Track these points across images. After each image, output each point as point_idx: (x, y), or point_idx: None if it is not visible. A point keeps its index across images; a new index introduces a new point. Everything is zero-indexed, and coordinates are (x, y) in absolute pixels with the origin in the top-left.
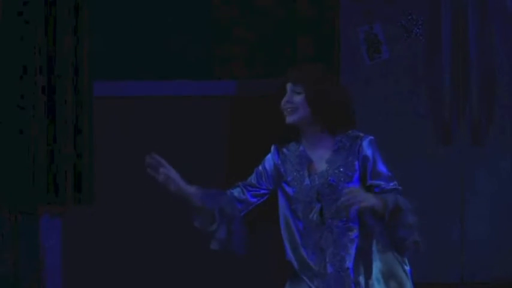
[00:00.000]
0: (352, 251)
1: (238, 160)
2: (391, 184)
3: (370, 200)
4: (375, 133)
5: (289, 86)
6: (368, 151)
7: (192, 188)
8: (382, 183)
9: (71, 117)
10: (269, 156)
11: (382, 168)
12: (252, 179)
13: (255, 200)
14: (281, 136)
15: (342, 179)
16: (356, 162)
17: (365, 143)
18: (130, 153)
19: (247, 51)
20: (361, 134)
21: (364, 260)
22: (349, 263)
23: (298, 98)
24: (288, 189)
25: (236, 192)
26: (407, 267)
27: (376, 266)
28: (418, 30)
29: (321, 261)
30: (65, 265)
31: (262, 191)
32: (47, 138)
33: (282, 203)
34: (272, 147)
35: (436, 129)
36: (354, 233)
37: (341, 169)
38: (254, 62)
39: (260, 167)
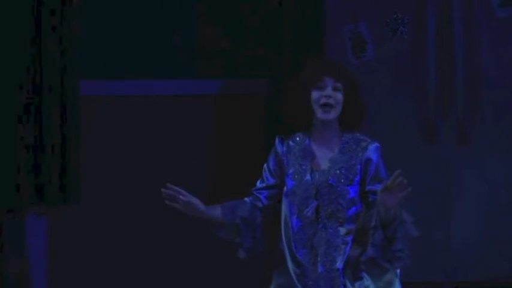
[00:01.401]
0: (345, 252)
1: (223, 158)
2: None
3: (396, 208)
4: (360, 132)
5: (329, 81)
6: (373, 155)
7: (212, 209)
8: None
9: (57, 117)
10: (272, 149)
11: (383, 176)
12: (260, 181)
13: (270, 202)
14: (290, 128)
15: (342, 181)
16: (358, 166)
17: (371, 147)
18: (116, 152)
19: (231, 50)
20: (368, 139)
21: (353, 262)
22: (340, 264)
23: (339, 95)
24: (288, 182)
25: (251, 199)
26: (395, 269)
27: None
28: (403, 29)
29: (311, 259)
30: (50, 264)
31: (275, 191)
32: (33, 138)
33: (284, 196)
34: (276, 139)
35: (421, 128)
36: (349, 236)
37: (342, 170)
38: (238, 61)
39: (265, 165)
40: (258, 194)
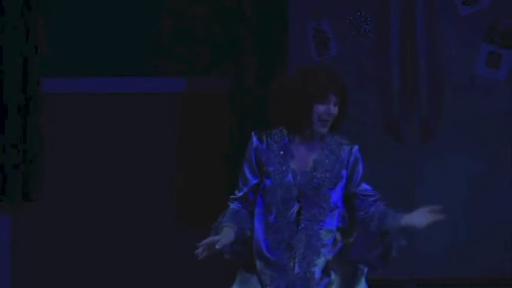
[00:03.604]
0: (323, 255)
1: (187, 156)
2: (378, 194)
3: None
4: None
5: (333, 97)
6: (358, 158)
7: (228, 235)
8: (370, 191)
9: (19, 114)
10: (249, 146)
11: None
12: (243, 184)
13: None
14: (270, 126)
15: (326, 184)
16: (343, 171)
17: (355, 150)
18: (80, 150)
19: (195, 49)
20: (346, 141)
21: (327, 262)
22: (318, 269)
23: (336, 110)
24: (267, 181)
25: (243, 206)
26: (363, 266)
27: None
28: (366, 27)
29: (284, 258)
30: (13, 261)
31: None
32: None
33: (261, 193)
34: (252, 135)
35: (385, 126)
36: (329, 239)
37: (327, 174)
38: (202, 59)
39: (245, 165)
40: (248, 199)
